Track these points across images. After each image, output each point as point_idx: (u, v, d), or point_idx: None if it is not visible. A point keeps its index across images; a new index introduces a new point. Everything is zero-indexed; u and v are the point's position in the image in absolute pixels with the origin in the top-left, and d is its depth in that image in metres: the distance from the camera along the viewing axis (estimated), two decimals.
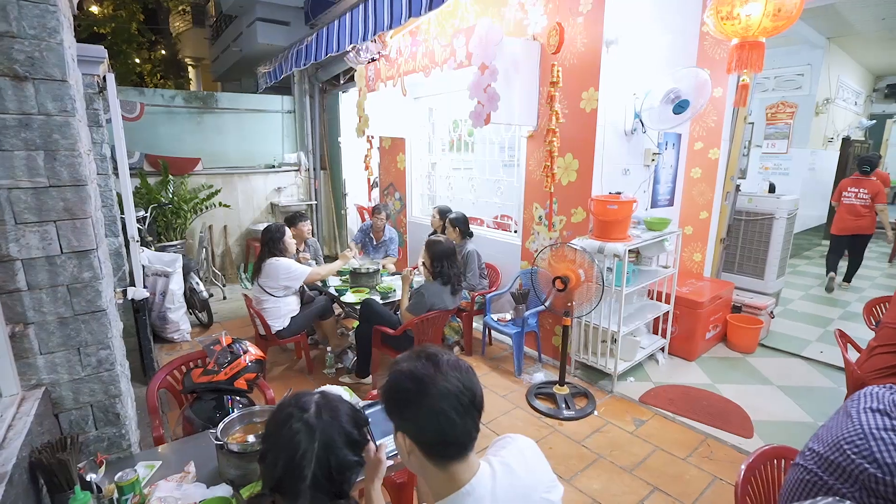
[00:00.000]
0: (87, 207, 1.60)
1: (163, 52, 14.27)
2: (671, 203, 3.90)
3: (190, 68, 15.90)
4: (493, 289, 3.90)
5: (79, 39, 2.22)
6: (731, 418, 2.92)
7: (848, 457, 1.13)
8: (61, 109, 1.51)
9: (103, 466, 1.52)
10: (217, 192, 5.86)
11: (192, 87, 15.45)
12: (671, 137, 3.72)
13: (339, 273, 3.81)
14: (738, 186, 3.99)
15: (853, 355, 2.50)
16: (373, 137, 5.15)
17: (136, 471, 1.40)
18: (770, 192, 5.38)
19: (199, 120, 6.11)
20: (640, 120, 3.27)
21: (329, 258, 6.34)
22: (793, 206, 4.22)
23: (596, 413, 3.02)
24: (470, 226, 4.02)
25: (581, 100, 3.16)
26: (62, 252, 1.58)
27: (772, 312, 4.03)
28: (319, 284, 3.75)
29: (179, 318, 4.11)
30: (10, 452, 1.26)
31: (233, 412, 1.76)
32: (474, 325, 4.01)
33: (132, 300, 3.04)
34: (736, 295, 4.00)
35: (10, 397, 1.52)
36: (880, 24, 5.99)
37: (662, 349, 3.65)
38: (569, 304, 2.94)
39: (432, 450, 0.95)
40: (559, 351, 3.23)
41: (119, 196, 3.10)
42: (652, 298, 3.69)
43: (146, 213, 4.64)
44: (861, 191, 5.25)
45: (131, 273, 3.19)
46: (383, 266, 4.12)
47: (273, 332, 3.31)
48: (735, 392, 3.24)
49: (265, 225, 3.47)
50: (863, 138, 8.91)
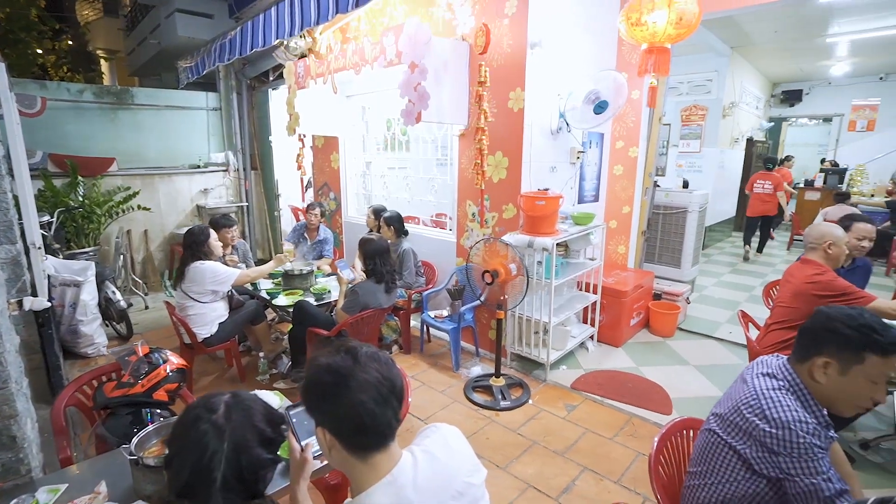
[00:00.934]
0: None
1: (69, 42, 13.07)
2: (596, 199, 4.11)
3: (102, 61, 14.68)
4: (430, 286, 3.94)
5: None
6: (652, 397, 3.14)
7: (744, 416, 1.28)
8: None
9: None
10: (135, 194, 5.46)
11: (106, 82, 14.27)
12: (594, 136, 3.92)
13: (271, 276, 3.69)
14: (655, 182, 4.28)
15: (754, 333, 2.77)
16: (304, 136, 5.02)
17: (35, 496, 1.28)
18: (684, 187, 5.81)
19: (112, 117, 5.66)
20: (565, 119, 3.42)
21: (262, 261, 6.10)
22: (703, 200, 4.59)
23: (531, 402, 3.13)
24: (405, 224, 4.03)
25: (509, 99, 3.26)
26: None
27: (688, 298, 4.36)
28: (250, 288, 3.61)
29: (93, 331, 3.79)
30: None
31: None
32: (412, 323, 4.02)
33: (33, 312, 2.77)
34: (656, 283, 4.30)
35: None
36: (774, 36, 6.64)
37: (592, 337, 3.85)
38: (501, 298, 3.03)
39: (352, 441, 0.95)
40: (496, 344, 3.32)
41: (17, 199, 2.82)
42: (581, 289, 3.88)
43: (52, 217, 4.25)
44: (766, 183, 6.86)
45: (34, 283, 2.90)
46: (318, 267, 4.03)
47: (200, 340, 3.14)
48: (657, 373, 3.47)
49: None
50: (763, 139, 9.84)
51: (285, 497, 1.30)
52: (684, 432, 1.68)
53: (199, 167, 6.26)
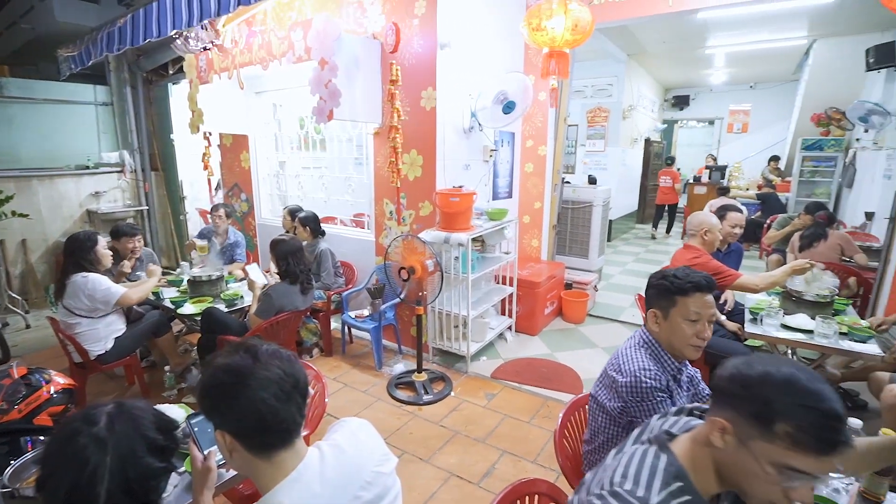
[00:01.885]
0: None
1: None
2: (510, 195, 4.30)
3: None
4: (350, 286, 3.89)
5: None
6: (565, 380, 3.35)
7: (608, 374, 1.54)
8: None
9: None
10: (8, 199, 4.82)
11: None
12: (506, 136, 4.09)
13: (171, 283, 3.45)
14: (564, 179, 4.56)
15: None
16: (210, 134, 4.73)
17: None
18: (591, 183, 6.24)
19: None
20: (477, 119, 3.54)
21: (168, 269, 5.66)
22: (607, 195, 4.96)
23: (453, 394, 3.21)
24: (322, 224, 3.94)
25: (421, 98, 3.31)
26: None
27: (596, 286, 4.69)
28: (152, 297, 3.34)
29: None
30: None
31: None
32: (333, 324, 3.95)
33: None
34: (567, 274, 4.58)
35: None
36: (662, 45, 7.32)
37: (510, 328, 4.02)
38: (420, 294, 3.07)
39: (255, 441, 0.93)
40: (416, 340, 3.35)
41: None
42: (498, 283, 4.04)
43: None
44: (666, 178, 8.44)
45: None
46: (229, 272, 3.82)
47: (93, 358, 2.85)
48: (569, 357, 3.71)
49: None
50: (659, 139, 10.79)
51: None
52: (585, 407, 1.82)
53: (88, 168, 5.66)
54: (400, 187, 3.51)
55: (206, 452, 1.21)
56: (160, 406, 1.52)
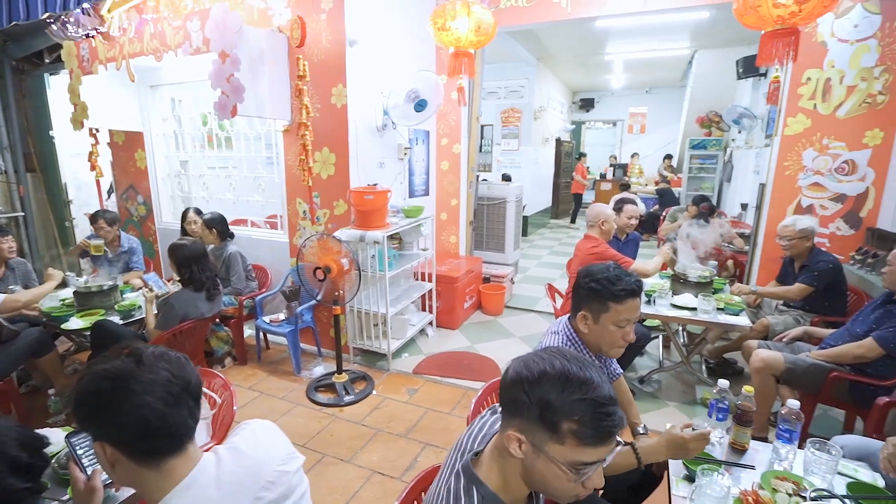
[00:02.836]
0: None
1: None
2: (427, 193, 4.35)
3: None
4: (263, 290, 3.73)
5: None
6: (484, 370, 3.46)
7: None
8: None
9: None
10: None
11: None
12: (420, 134, 4.14)
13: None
14: (478, 176, 4.69)
15: (560, 303, 3.25)
16: (98, 131, 4.29)
17: None
18: (506, 181, 6.48)
19: None
20: (390, 117, 3.54)
21: None
22: (520, 192, 5.19)
23: (375, 392, 3.19)
24: (232, 227, 3.74)
25: (332, 95, 3.25)
26: None
27: (512, 279, 4.88)
28: (31, 314, 2.97)
29: None
30: None
31: None
32: (247, 331, 3.77)
33: None
34: (485, 268, 4.73)
35: None
36: (567, 51, 7.78)
37: (431, 323, 4.07)
38: (337, 294, 3.02)
39: (140, 449, 0.88)
40: (335, 341, 3.29)
41: None
42: (417, 279, 4.07)
43: None
44: (576, 173, 9.37)
45: None
46: (126, 281, 3.51)
47: None
48: (489, 348, 3.83)
49: None
50: (569, 139, 11.45)
51: None
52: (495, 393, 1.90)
53: None
54: (312, 186, 3.42)
55: (90, 472, 1.11)
56: (44, 431, 1.37)
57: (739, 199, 6.73)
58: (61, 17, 3.72)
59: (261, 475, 1.00)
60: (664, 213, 6.67)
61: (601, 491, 1.74)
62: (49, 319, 2.93)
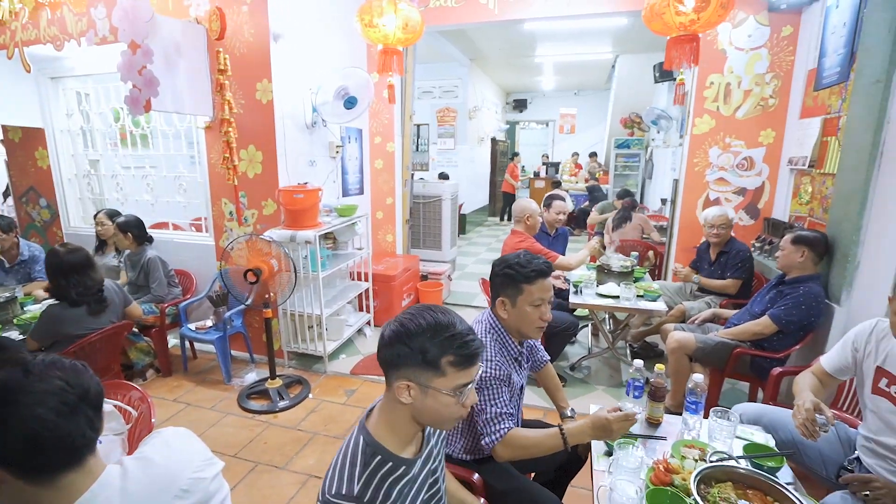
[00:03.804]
0: None
1: None
2: (361, 192, 4.30)
3: None
4: (188, 296, 3.52)
5: None
6: None
7: None
8: None
9: None
10: None
11: None
12: (353, 132, 4.08)
13: None
14: (412, 175, 4.70)
15: None
16: None
17: None
18: (444, 179, 6.54)
19: None
20: (320, 114, 3.46)
21: None
22: (455, 189, 5.26)
23: (311, 396, 3.11)
24: (152, 230, 3.51)
25: (256, 91, 3.13)
26: None
27: (450, 276, 4.94)
28: None
29: None
30: None
31: None
32: (172, 340, 3.55)
33: None
34: (422, 266, 4.75)
35: None
36: (499, 52, 7.98)
37: (369, 323, 4.03)
38: (268, 296, 2.92)
39: (31, 466, 0.81)
40: (267, 346, 3.18)
41: None
42: (354, 279, 4.02)
43: None
44: (508, 173, 9.43)
45: None
46: (28, 292, 3.19)
47: None
48: None
49: None
50: (504, 139, 11.75)
51: None
52: None
53: None
54: (238, 185, 3.28)
55: None
56: None
57: (660, 195, 7.22)
58: None
59: (174, 484, 0.96)
60: (594, 209, 7.02)
61: (532, 474, 1.82)
62: None
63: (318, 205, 3.22)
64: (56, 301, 2.51)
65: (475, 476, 1.51)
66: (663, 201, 6.87)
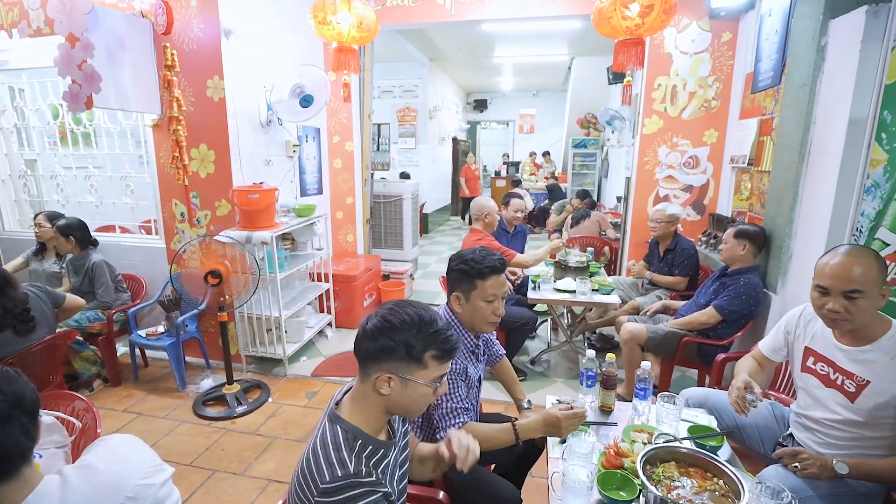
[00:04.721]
0: None
1: None
2: (320, 191, 4.24)
3: None
4: (138, 301, 3.38)
5: None
6: None
7: None
8: None
9: None
10: None
11: None
12: (310, 131, 4.02)
13: None
14: (372, 174, 4.67)
15: None
16: None
17: None
18: (405, 178, 6.53)
19: None
20: (275, 112, 3.39)
21: None
22: (416, 189, 5.26)
23: (271, 400, 3.05)
24: (97, 234, 3.34)
25: (207, 88, 3.03)
26: None
27: (412, 275, 4.94)
28: None
29: None
30: None
31: None
32: (121, 349, 3.39)
33: None
34: (384, 266, 4.73)
35: None
36: (458, 52, 8.03)
37: (330, 324, 3.98)
38: (222, 299, 2.83)
39: None
40: (223, 350, 3.09)
41: None
42: (314, 280, 3.96)
43: None
44: (462, 176, 9.27)
45: None
46: None
47: None
48: None
49: None
50: (465, 138, 11.84)
51: None
52: None
53: None
54: (189, 186, 3.17)
55: None
56: None
57: (615, 193, 7.46)
58: None
59: (119, 491, 0.93)
60: (553, 207, 7.18)
61: (493, 466, 1.86)
62: None
63: (275, 205, 3.16)
64: None
65: None
66: (619, 199, 7.11)
